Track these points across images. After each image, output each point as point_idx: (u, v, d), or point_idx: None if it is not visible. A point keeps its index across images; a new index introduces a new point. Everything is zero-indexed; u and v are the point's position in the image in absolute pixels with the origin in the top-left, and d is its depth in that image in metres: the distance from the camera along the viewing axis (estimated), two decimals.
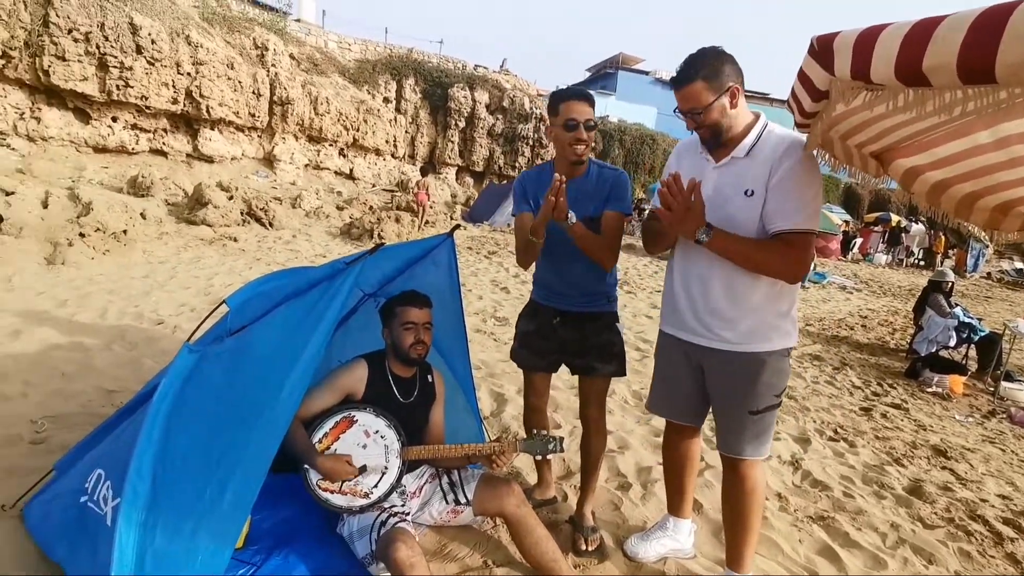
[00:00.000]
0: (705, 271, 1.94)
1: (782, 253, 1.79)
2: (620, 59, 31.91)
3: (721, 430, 2.06)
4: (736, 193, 1.86)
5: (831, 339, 7.35)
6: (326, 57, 17.45)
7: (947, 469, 3.63)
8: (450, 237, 2.45)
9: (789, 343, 1.96)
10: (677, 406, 2.21)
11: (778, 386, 1.96)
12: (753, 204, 1.82)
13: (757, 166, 1.83)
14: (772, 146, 1.83)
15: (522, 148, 19.20)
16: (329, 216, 11.98)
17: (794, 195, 1.78)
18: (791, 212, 1.78)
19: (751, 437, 1.97)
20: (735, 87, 1.80)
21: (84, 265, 6.00)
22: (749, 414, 1.95)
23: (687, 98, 1.81)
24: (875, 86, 1.21)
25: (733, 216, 1.85)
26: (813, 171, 1.81)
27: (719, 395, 2.04)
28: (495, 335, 5.44)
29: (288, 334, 1.71)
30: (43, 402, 3.05)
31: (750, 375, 1.93)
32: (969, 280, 18.12)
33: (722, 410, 2.05)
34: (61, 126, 10.97)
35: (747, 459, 1.99)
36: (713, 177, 1.92)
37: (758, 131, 1.87)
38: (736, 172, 1.87)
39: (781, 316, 1.92)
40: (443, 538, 2.30)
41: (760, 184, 1.81)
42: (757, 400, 1.94)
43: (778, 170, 1.79)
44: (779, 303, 1.91)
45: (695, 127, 1.87)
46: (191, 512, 1.52)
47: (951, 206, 2.02)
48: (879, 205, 25.13)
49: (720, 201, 1.88)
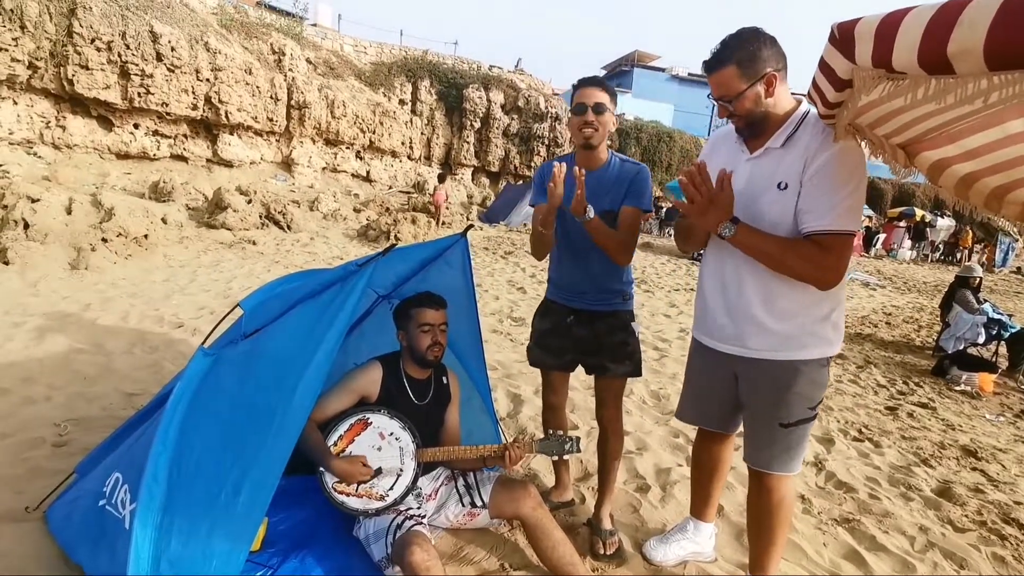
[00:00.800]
0: (737, 271, 1.80)
1: (813, 257, 1.62)
2: (636, 56, 31.71)
3: (749, 441, 1.93)
4: (769, 186, 1.70)
5: (854, 337, 7.20)
6: (342, 61, 17.59)
7: (978, 470, 3.52)
8: (463, 237, 2.43)
9: (830, 351, 1.78)
10: (709, 413, 2.09)
11: (813, 398, 1.80)
12: (787, 198, 1.67)
13: (792, 156, 1.67)
14: (810, 134, 1.66)
15: (538, 148, 19.15)
16: (346, 218, 12.08)
17: (829, 191, 1.61)
18: (824, 211, 1.61)
19: (780, 451, 1.83)
20: (772, 74, 1.64)
21: (107, 269, 6.12)
22: (780, 426, 1.81)
23: (719, 84, 1.67)
24: (897, 75, 1.17)
25: (766, 211, 1.70)
26: (854, 163, 1.62)
27: (749, 404, 1.91)
28: (511, 335, 5.42)
29: (301, 336, 1.71)
30: (66, 404, 3.10)
31: (782, 385, 1.78)
32: (998, 275, 17.64)
33: (751, 420, 1.92)
34: (85, 134, 11.21)
35: (775, 474, 1.87)
36: (747, 169, 1.78)
37: (798, 118, 1.71)
38: (770, 163, 1.72)
39: (821, 321, 1.75)
40: (459, 541, 2.29)
41: (794, 176, 1.66)
42: (789, 412, 1.79)
43: (813, 162, 1.62)
44: (820, 307, 1.74)
45: (728, 115, 1.74)
46: (206, 515, 1.53)
47: (980, 200, 1.95)
48: (903, 200, 24.60)
49: (753, 195, 1.73)
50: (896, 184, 25.28)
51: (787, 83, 1.73)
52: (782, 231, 1.70)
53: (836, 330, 1.80)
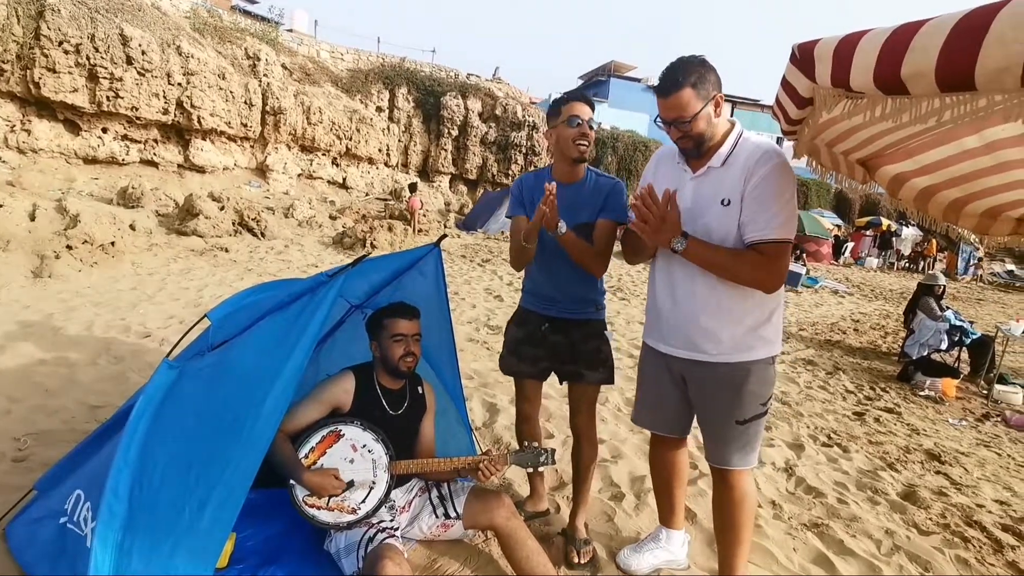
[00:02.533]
0: (685, 282, 1.92)
1: (757, 263, 1.78)
2: (612, 67, 32.08)
3: (708, 441, 2.03)
4: (713, 203, 1.84)
5: (824, 343, 7.36)
6: (318, 67, 17.47)
7: (941, 474, 3.62)
8: (437, 247, 2.43)
9: (773, 351, 1.93)
10: (661, 418, 2.18)
11: (763, 395, 1.93)
12: (729, 213, 1.81)
13: (732, 175, 1.81)
14: (747, 154, 1.81)
15: (515, 156, 19.23)
16: (322, 225, 11.95)
17: (768, 205, 1.75)
18: (765, 222, 1.76)
19: (738, 448, 1.94)
20: (719, 96, 1.80)
21: (71, 278, 5.94)
22: (736, 424, 1.92)
23: (674, 107, 1.78)
24: (855, 94, 1.21)
25: (710, 225, 1.84)
26: (787, 178, 1.79)
27: (703, 406, 2.01)
28: (488, 344, 5.41)
29: (270, 348, 1.68)
30: (26, 418, 3.00)
31: (734, 386, 1.90)
32: (960, 283, 18.23)
33: (707, 421, 2.01)
34: (51, 138, 10.91)
35: (735, 469, 1.97)
36: (691, 188, 1.90)
37: (733, 139, 1.85)
38: (712, 182, 1.85)
39: (763, 324, 1.89)
40: (433, 553, 2.26)
41: (736, 193, 1.79)
42: (743, 410, 1.91)
43: (752, 179, 1.77)
44: (761, 311, 1.88)
45: (679, 137, 1.85)
46: (169, 532, 1.49)
47: (938, 212, 2.02)
48: (870, 209, 25.27)
49: (698, 212, 1.87)
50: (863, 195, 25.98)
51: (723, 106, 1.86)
52: (729, 243, 1.83)
53: (777, 332, 1.95)
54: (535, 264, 2.37)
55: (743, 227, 1.79)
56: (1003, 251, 24.15)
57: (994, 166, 1.70)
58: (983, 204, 2.00)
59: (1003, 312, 12.56)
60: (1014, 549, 2.78)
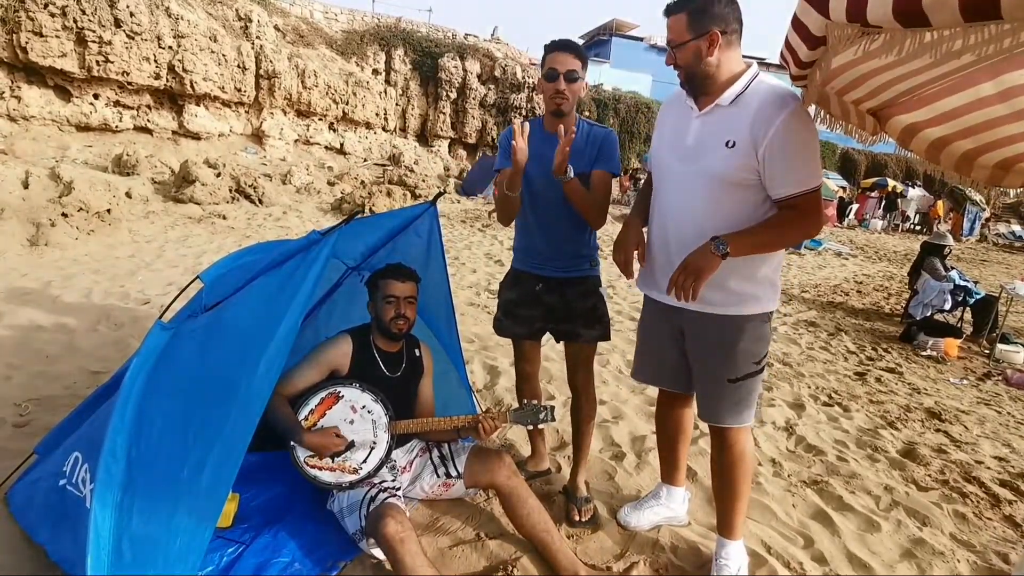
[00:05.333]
0: (683, 230, 1.84)
1: (798, 222, 1.73)
2: (614, 25, 31.23)
3: (701, 397, 2.01)
4: (717, 144, 1.74)
5: (826, 305, 7.33)
6: (312, 28, 17.01)
7: (941, 431, 3.63)
8: (433, 206, 2.37)
9: (770, 307, 1.89)
10: (661, 373, 2.15)
11: (757, 353, 1.89)
12: (733, 155, 1.70)
13: (742, 117, 1.70)
14: (760, 97, 1.69)
15: (515, 118, 18.88)
16: (320, 192, 11.82)
17: (795, 159, 1.67)
18: (796, 178, 1.68)
19: (730, 405, 1.91)
20: (716, 33, 1.66)
21: (68, 246, 5.90)
22: (728, 382, 1.89)
23: (670, 28, 1.71)
24: (872, 29, 1.13)
25: (713, 167, 1.75)
26: (808, 126, 1.70)
27: (698, 361, 1.98)
28: (489, 308, 5.40)
29: (264, 307, 1.66)
30: (27, 384, 3.00)
31: (728, 341, 1.87)
32: (965, 244, 18.11)
33: (701, 377, 1.99)
34: (42, 104, 10.72)
35: (732, 427, 1.95)
36: (695, 126, 1.81)
37: (747, 80, 1.73)
38: (719, 121, 1.75)
39: (761, 279, 1.85)
40: (435, 512, 2.28)
41: (743, 137, 1.69)
42: (736, 368, 1.88)
43: (768, 129, 1.65)
44: (761, 266, 1.83)
45: (673, 63, 1.76)
46: (169, 492, 1.48)
47: (951, 163, 1.95)
48: (876, 170, 24.92)
49: (701, 151, 1.78)
50: (869, 155, 25.60)
51: (739, 47, 1.76)
52: (729, 183, 1.75)
53: (774, 288, 1.91)
54: (527, 222, 2.31)
55: (771, 182, 1.70)
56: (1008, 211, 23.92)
57: (1009, 114, 1.63)
58: (996, 155, 1.93)
59: (1007, 273, 12.50)
60: (1011, 504, 2.80)
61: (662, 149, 1.94)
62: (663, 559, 2.15)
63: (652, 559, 2.14)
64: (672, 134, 1.91)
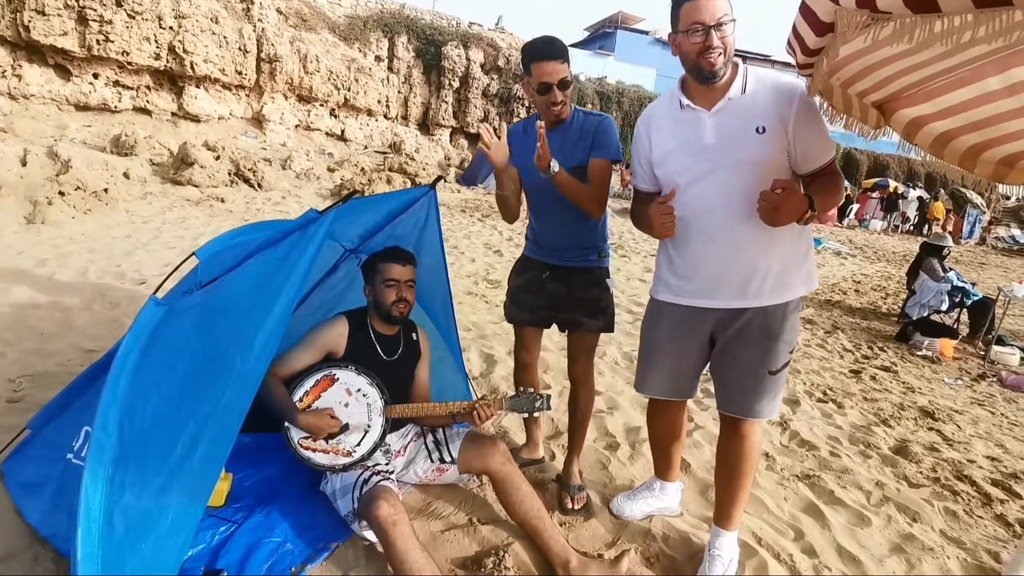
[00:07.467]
0: (731, 223, 1.79)
1: (839, 184, 1.84)
2: (620, 18, 31.01)
3: (735, 392, 1.92)
4: (748, 133, 1.75)
5: (824, 303, 7.34)
6: (315, 12, 16.84)
7: (934, 430, 3.64)
8: (432, 190, 2.36)
9: (813, 285, 1.92)
10: (673, 384, 2.07)
11: (792, 342, 1.90)
12: (767, 140, 1.74)
13: (763, 102, 1.75)
14: (772, 81, 1.77)
15: (517, 109, 18.78)
16: (320, 177, 11.76)
17: (819, 130, 1.77)
18: (823, 147, 1.79)
19: (769, 398, 1.89)
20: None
21: (65, 224, 5.87)
22: (768, 374, 1.87)
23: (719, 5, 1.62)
24: (881, 15, 1.12)
25: (750, 156, 1.75)
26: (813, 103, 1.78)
27: (734, 358, 1.90)
28: (487, 297, 5.39)
29: (260, 285, 1.64)
30: (21, 360, 2.99)
31: (772, 333, 1.85)
32: (964, 246, 18.13)
33: (735, 374, 1.91)
34: (42, 83, 10.62)
35: (749, 420, 1.92)
36: (711, 124, 1.78)
37: (744, 70, 1.80)
38: (738, 113, 1.76)
39: (804, 256, 1.89)
40: (428, 496, 2.29)
41: (772, 120, 1.73)
42: (776, 359, 1.87)
43: (793, 105, 1.73)
44: (800, 243, 1.87)
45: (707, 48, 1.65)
46: (161, 468, 1.48)
47: (954, 158, 1.94)
48: (878, 171, 24.85)
49: (730, 145, 1.77)
50: (872, 155, 25.53)
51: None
52: (768, 170, 1.75)
53: (814, 264, 1.95)
54: (534, 211, 2.32)
55: (804, 160, 1.78)
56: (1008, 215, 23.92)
57: (1016, 109, 1.62)
58: (1001, 151, 1.92)
59: (1005, 276, 12.51)
60: (1003, 503, 2.81)
61: (674, 156, 1.87)
62: (654, 548, 2.15)
63: (643, 548, 2.14)
64: (681, 140, 1.85)
